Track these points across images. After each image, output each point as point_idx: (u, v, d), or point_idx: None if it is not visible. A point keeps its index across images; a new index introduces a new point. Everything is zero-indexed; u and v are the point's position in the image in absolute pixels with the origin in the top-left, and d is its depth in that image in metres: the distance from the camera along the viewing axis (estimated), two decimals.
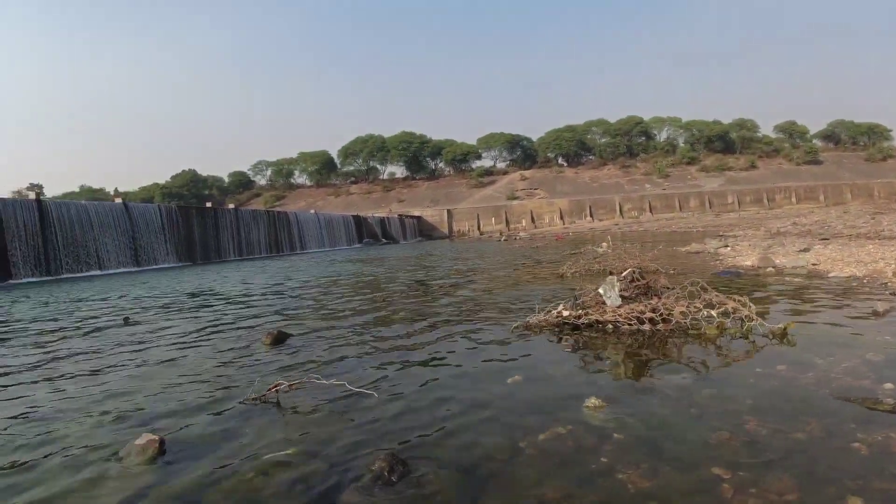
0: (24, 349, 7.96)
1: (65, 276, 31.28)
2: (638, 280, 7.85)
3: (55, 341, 8.48)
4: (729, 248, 18.97)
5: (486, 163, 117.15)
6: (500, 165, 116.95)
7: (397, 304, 10.46)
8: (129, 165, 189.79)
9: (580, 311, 6.72)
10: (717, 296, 6.46)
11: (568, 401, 4.15)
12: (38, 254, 31.10)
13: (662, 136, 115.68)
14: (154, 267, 37.22)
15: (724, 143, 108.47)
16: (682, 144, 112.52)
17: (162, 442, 3.67)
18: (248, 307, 11.61)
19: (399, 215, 79.79)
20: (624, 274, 7.89)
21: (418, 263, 24.13)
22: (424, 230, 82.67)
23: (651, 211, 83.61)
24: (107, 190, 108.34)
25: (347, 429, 3.87)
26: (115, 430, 4.18)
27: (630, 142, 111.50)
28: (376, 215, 75.21)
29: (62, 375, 6.12)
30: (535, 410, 4.01)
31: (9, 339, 9.05)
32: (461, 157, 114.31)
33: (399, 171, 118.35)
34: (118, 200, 40.75)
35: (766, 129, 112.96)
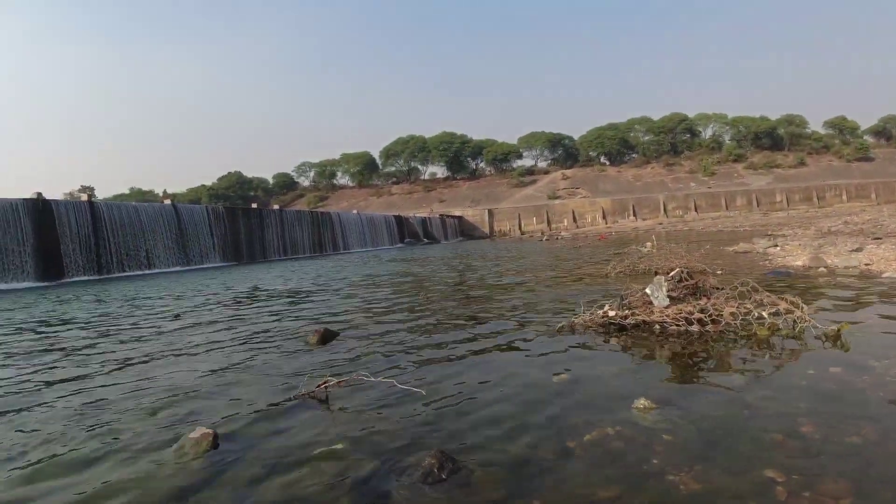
0: (80, 344, 8.26)
1: (116, 275, 32.28)
2: (686, 280, 7.72)
3: (110, 337, 8.78)
4: (778, 248, 18.46)
5: (527, 162, 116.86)
6: (542, 165, 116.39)
7: (441, 304, 10.51)
8: (176, 167, 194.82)
9: (626, 312, 6.64)
10: (767, 296, 6.32)
11: (616, 401, 4.11)
12: (90, 253, 32.18)
13: (707, 133, 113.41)
14: (201, 266, 38.13)
15: (771, 139, 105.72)
16: (728, 141, 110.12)
17: (215, 435, 3.75)
18: (294, 305, 11.81)
19: (440, 215, 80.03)
20: (672, 274, 7.76)
21: (460, 263, 24.16)
22: (465, 230, 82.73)
23: (696, 210, 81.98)
24: (156, 192, 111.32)
25: (395, 425, 3.92)
26: (170, 423, 4.31)
27: (674, 139, 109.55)
28: (417, 215, 75.58)
29: (117, 369, 6.35)
30: (582, 410, 3.98)
31: (66, 335, 9.41)
32: (502, 157, 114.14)
33: (440, 171, 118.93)
34: (167, 202, 41.88)
35: (816, 125, 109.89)
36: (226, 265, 39.20)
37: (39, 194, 30.96)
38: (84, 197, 36.01)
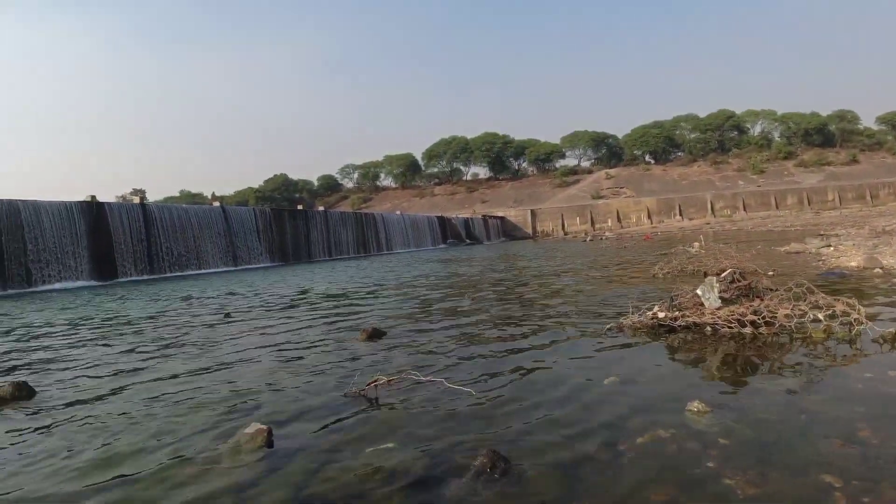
0: (136, 342, 8.55)
1: (167, 275, 33.23)
2: (738, 281, 7.57)
3: (165, 335, 9.06)
4: (831, 248, 17.91)
5: (570, 162, 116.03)
6: (585, 164, 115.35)
7: (487, 304, 10.52)
8: (224, 170, 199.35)
9: (676, 313, 6.55)
10: (823, 297, 6.15)
11: (668, 404, 4.07)
12: (142, 254, 33.23)
13: (756, 130, 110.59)
14: (249, 266, 38.97)
15: (822, 136, 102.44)
16: (777, 138, 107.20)
17: (269, 431, 3.84)
18: (341, 304, 11.99)
19: (482, 216, 79.98)
20: (724, 275, 7.62)
21: (504, 264, 24.12)
22: (508, 230, 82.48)
23: (745, 209, 79.95)
24: (204, 194, 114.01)
25: (446, 424, 3.95)
26: (224, 418, 4.43)
27: (721, 137, 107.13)
28: (460, 216, 75.70)
29: (172, 365, 6.57)
30: (634, 413, 3.94)
31: (123, 332, 9.75)
32: (544, 157, 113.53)
33: (482, 171, 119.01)
34: (216, 204, 42.93)
35: (868, 121, 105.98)
36: (272, 265, 39.96)
37: (93, 197, 32.18)
38: (136, 199, 37.22)
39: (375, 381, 4.77)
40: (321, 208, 56.10)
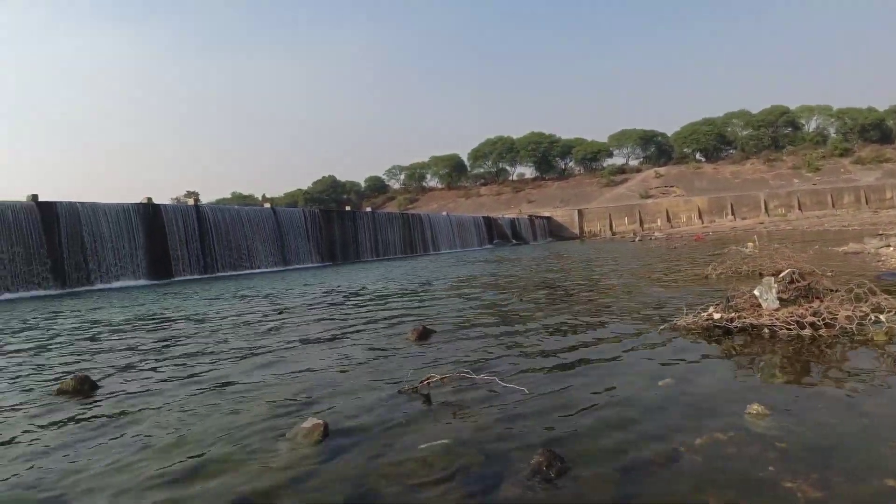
0: (194, 338, 8.83)
1: (219, 274, 34.13)
2: (797, 282, 7.39)
3: (222, 331, 9.33)
4: (891, 248, 17.23)
5: (617, 160, 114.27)
6: (633, 163, 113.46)
7: (537, 304, 10.51)
8: (274, 173, 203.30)
9: (733, 314, 6.44)
10: (885, 299, 5.97)
11: (726, 406, 4.03)
12: (196, 254, 34.22)
13: (811, 126, 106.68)
14: (299, 266, 39.67)
15: (880, 132, 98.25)
16: (833, 135, 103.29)
17: (326, 426, 3.94)
18: (391, 304, 12.13)
19: (529, 216, 79.57)
20: (782, 275, 7.45)
21: (552, 264, 23.98)
22: (554, 230, 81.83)
23: (800, 208, 77.31)
24: (255, 196, 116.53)
25: (499, 422, 3.99)
26: (281, 413, 4.57)
27: (775, 133, 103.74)
28: (506, 216, 75.49)
29: (229, 361, 6.78)
30: (691, 415, 3.92)
31: (181, 328, 10.09)
32: (591, 156, 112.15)
33: (528, 171, 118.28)
34: (266, 205, 43.91)
35: None
36: (321, 266, 40.59)
37: (150, 199, 33.24)
38: (191, 201, 38.31)
39: (429, 378, 4.84)
40: (368, 209, 56.78)
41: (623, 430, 3.71)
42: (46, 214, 27.76)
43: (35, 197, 28.02)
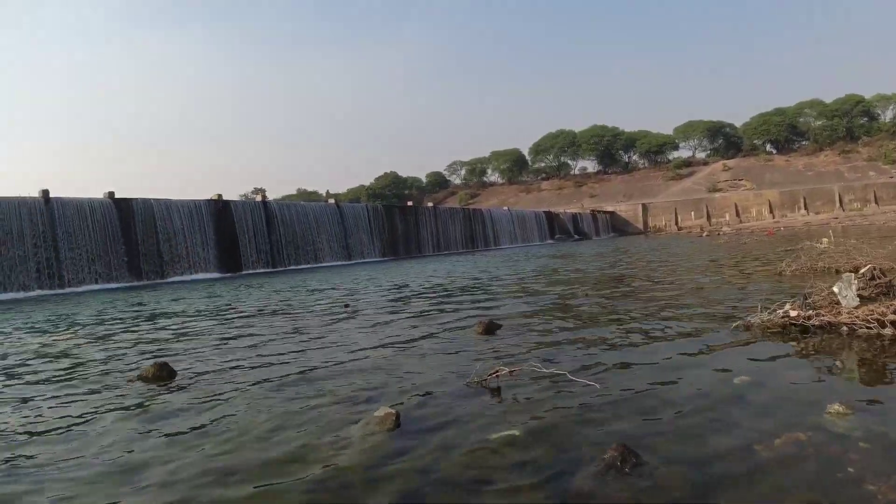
0: (266, 329, 9.13)
1: (286, 268, 35.12)
2: (878, 278, 7.06)
3: (293, 323, 9.62)
4: None
5: (683, 153, 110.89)
6: (700, 155, 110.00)
7: (602, 299, 10.41)
8: (337, 169, 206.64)
9: (810, 312, 6.21)
10: None
11: (804, 406, 3.92)
12: (264, 248, 35.30)
13: (887, 115, 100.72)
14: (362, 261, 40.38)
15: None
16: None
17: (398, 415, 4.01)
18: (455, 297, 12.23)
19: (591, 211, 78.46)
20: (863, 271, 7.14)
21: (616, 259, 23.63)
22: (617, 226, 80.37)
23: (877, 202, 73.15)
24: (319, 192, 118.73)
25: (570, 416, 3.98)
26: (352, 401, 4.68)
27: (850, 124, 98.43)
28: (568, 211, 74.66)
29: (301, 351, 6.99)
30: (768, 414, 3.82)
31: (252, 321, 10.44)
32: (656, 149, 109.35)
33: (590, 165, 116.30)
34: (331, 201, 44.82)
35: None
36: (383, 260, 41.17)
37: (220, 195, 34.47)
38: (258, 197, 39.53)
39: (497, 371, 4.86)
40: (430, 204, 57.12)
41: (698, 428, 3.65)
42: (123, 210, 29.18)
43: (112, 194, 29.51)
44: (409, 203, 56.55)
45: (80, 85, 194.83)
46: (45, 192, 27.03)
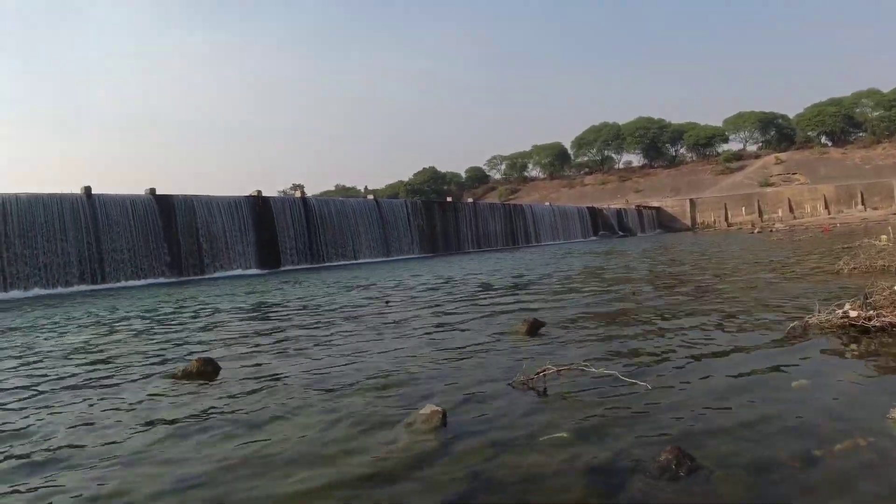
0: (308, 324, 9.20)
1: (325, 264, 35.46)
2: None
3: (336, 319, 9.70)
4: None
5: (733, 146, 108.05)
6: (751, 148, 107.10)
7: (650, 298, 10.24)
8: (375, 165, 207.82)
9: (871, 312, 5.93)
10: None
11: (865, 409, 3.78)
12: (303, 244, 35.68)
13: None
14: (401, 257, 40.56)
15: None
16: None
17: (444, 414, 3.96)
18: (498, 295, 12.12)
19: (636, 206, 77.24)
20: None
21: (664, 257, 23.23)
22: (664, 222, 78.85)
23: None
24: (358, 188, 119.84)
25: (621, 417, 3.88)
26: (398, 399, 4.65)
27: None
28: (612, 206, 73.68)
29: (344, 349, 6.99)
30: (827, 418, 3.68)
31: (291, 316, 10.51)
32: (705, 142, 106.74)
33: (635, 159, 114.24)
34: (369, 197, 45.14)
35: None
36: (422, 257, 41.26)
37: (259, 192, 34.97)
38: (297, 194, 39.98)
39: (544, 370, 4.74)
40: (469, 200, 57.07)
41: (755, 431, 3.52)
42: (164, 207, 29.80)
43: (153, 190, 30.16)
44: (449, 199, 56.41)
45: (132, 83, 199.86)
46: (88, 189, 27.71)
